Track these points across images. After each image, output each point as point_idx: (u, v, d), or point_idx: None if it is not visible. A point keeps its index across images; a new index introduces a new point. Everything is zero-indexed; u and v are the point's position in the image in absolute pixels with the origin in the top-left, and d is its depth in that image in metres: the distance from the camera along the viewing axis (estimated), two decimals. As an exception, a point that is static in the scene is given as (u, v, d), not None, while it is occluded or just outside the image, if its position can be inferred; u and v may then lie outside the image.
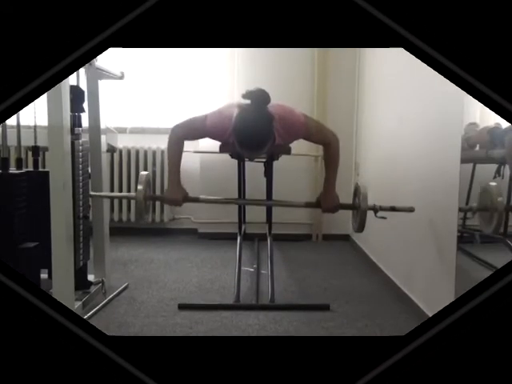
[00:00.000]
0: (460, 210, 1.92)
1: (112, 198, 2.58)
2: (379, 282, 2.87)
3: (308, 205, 2.37)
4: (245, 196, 3.24)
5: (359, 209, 2.15)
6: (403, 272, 2.63)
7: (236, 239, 3.13)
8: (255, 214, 3.52)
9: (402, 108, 2.70)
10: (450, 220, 1.99)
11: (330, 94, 3.81)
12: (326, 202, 2.24)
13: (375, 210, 2.16)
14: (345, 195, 3.90)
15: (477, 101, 1.15)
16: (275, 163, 2.83)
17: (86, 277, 2.51)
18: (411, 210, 2.18)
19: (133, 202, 3.82)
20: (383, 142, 3.07)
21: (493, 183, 1.82)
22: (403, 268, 2.64)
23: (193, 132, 2.23)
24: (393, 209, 2.19)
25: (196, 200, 2.32)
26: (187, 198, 2.25)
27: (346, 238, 3.91)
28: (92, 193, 2.41)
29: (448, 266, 1.98)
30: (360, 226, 2.16)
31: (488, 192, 1.83)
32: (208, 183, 3.86)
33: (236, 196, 3.14)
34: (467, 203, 1.95)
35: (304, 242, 3.89)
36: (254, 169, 2.93)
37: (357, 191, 2.22)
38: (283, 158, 2.67)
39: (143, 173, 2.24)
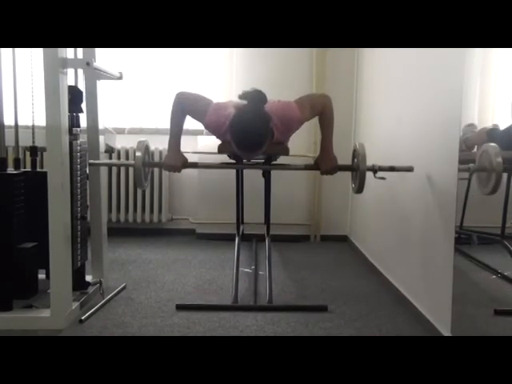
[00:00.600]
0: (459, 170, 1.92)
1: (110, 166, 2.54)
2: (377, 283, 2.88)
3: (307, 167, 2.37)
4: (243, 198, 3.25)
5: (358, 170, 2.15)
6: (401, 273, 2.64)
7: (234, 240, 3.13)
8: (253, 214, 3.53)
9: (400, 108, 2.71)
10: (448, 221, 2.00)
11: (328, 93, 3.80)
12: (324, 163, 2.25)
13: (374, 170, 2.17)
14: (343, 193, 3.90)
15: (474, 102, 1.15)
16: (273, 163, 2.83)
17: (84, 277, 2.51)
18: (410, 169, 2.20)
19: (132, 201, 3.84)
20: (382, 143, 3.08)
21: (492, 144, 1.82)
22: (401, 269, 2.65)
23: (193, 113, 2.24)
24: (392, 169, 2.20)
25: (195, 165, 2.32)
26: (186, 164, 2.26)
27: (344, 238, 3.92)
28: (91, 161, 2.39)
29: (446, 267, 1.99)
30: (359, 187, 2.17)
31: (487, 153, 1.84)
32: (206, 184, 3.87)
33: (234, 198, 3.15)
34: (465, 205, 1.95)
35: (302, 242, 3.90)
36: (252, 170, 2.94)
37: (355, 152, 2.22)
38: (281, 159, 2.67)
39: (141, 139, 2.23)
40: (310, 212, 3.94)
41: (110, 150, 3.06)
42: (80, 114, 2.39)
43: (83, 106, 2.43)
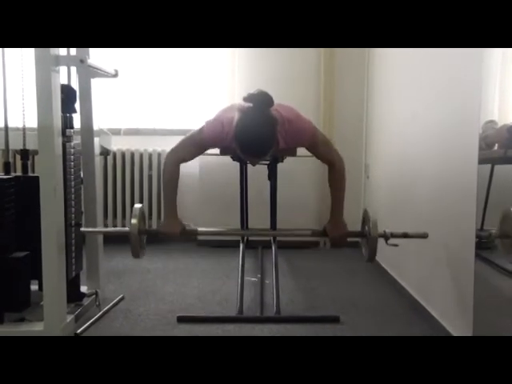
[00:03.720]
0: (477, 237, 1.92)
1: (105, 235, 2.53)
2: (392, 292, 2.87)
3: (314, 234, 2.35)
4: (247, 202, 3.26)
5: (369, 236, 2.13)
6: (418, 280, 2.64)
7: (238, 247, 3.13)
8: (259, 220, 3.53)
9: (414, 106, 2.71)
10: (468, 224, 1.99)
11: (337, 92, 3.82)
12: (333, 231, 2.24)
13: (386, 237, 2.14)
14: (354, 199, 3.91)
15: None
16: (280, 165, 2.84)
17: (79, 288, 2.51)
18: (424, 236, 2.16)
19: (128, 206, 3.85)
20: (395, 142, 3.08)
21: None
22: (418, 276, 2.64)
23: (190, 150, 2.20)
24: (405, 235, 2.17)
25: (194, 233, 2.31)
26: (185, 232, 2.24)
27: (355, 244, 3.90)
28: (83, 229, 2.40)
29: (466, 273, 1.99)
30: (371, 256, 2.14)
31: (510, 218, 1.80)
32: (207, 188, 3.87)
33: (238, 202, 3.15)
34: (485, 207, 1.95)
35: (311, 249, 3.89)
36: (257, 171, 2.94)
37: (365, 218, 2.20)
38: (288, 160, 2.67)
39: (137, 206, 2.21)
40: (319, 216, 3.94)
41: (105, 153, 3.07)
42: (73, 115, 2.40)
43: (77, 105, 2.44)
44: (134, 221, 2.15)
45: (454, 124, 2.19)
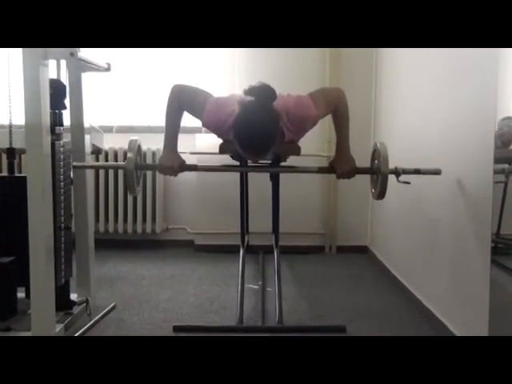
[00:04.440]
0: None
1: (98, 169, 2.47)
2: (402, 300, 2.87)
3: (321, 170, 2.35)
4: (248, 204, 3.25)
5: (379, 173, 2.11)
6: (429, 288, 2.63)
7: (238, 252, 3.13)
8: (260, 223, 3.53)
9: (426, 104, 2.71)
10: (483, 229, 1.99)
11: (344, 87, 3.81)
12: (340, 165, 2.23)
13: (397, 173, 2.14)
14: (362, 199, 3.89)
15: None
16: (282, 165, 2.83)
17: (69, 296, 2.51)
18: (437, 172, 2.17)
19: (122, 209, 3.85)
20: (405, 142, 3.07)
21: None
22: (429, 284, 2.64)
23: (191, 108, 2.23)
24: (417, 171, 2.17)
25: (194, 168, 2.31)
26: (184, 167, 2.24)
27: (363, 250, 3.92)
28: (75, 163, 2.39)
29: (481, 281, 1.98)
30: (381, 193, 2.13)
31: None
32: (205, 189, 3.87)
33: (238, 204, 3.14)
34: (502, 210, 1.95)
35: (316, 254, 3.89)
36: (259, 172, 2.94)
37: (376, 153, 2.19)
38: (291, 159, 2.67)
39: (133, 138, 2.22)
40: (324, 219, 3.94)
41: (96, 151, 3.07)
42: (63, 111, 2.40)
43: (66, 101, 2.44)
44: (130, 154, 2.16)
45: (468, 121, 2.19)
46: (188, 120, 3.90)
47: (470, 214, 2.16)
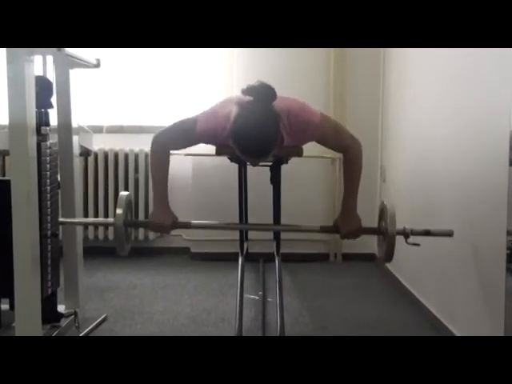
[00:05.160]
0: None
1: (85, 225, 2.48)
2: (411, 311, 2.86)
3: (324, 229, 2.32)
4: (247, 209, 3.25)
5: (386, 234, 2.10)
6: (440, 298, 2.63)
7: (237, 260, 3.12)
8: (260, 229, 3.52)
9: (437, 102, 2.71)
10: (497, 235, 1.99)
11: (349, 88, 3.83)
12: (345, 225, 2.20)
13: (406, 234, 2.12)
14: (368, 205, 3.91)
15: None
16: (284, 167, 2.83)
17: (56, 307, 2.51)
18: (449, 233, 2.14)
19: (111, 215, 3.85)
20: (415, 142, 3.08)
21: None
22: (441, 293, 2.63)
23: (180, 140, 2.19)
24: (427, 233, 2.15)
25: (187, 225, 2.29)
26: (177, 224, 2.22)
27: (370, 257, 3.91)
28: (61, 219, 2.39)
29: (496, 290, 1.98)
30: (388, 255, 2.10)
31: None
32: (202, 193, 3.87)
33: (236, 209, 3.14)
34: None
35: (319, 263, 3.89)
36: (258, 174, 2.93)
37: (383, 212, 2.17)
38: (293, 161, 2.67)
39: (123, 193, 2.19)
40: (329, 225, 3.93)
41: (85, 153, 3.07)
42: (49, 110, 2.40)
43: (53, 100, 2.44)
44: (119, 210, 2.13)
45: (481, 121, 2.19)
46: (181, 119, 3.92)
47: (484, 217, 2.15)
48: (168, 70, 3.85)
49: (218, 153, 2.47)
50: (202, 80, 3.77)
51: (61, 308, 2.56)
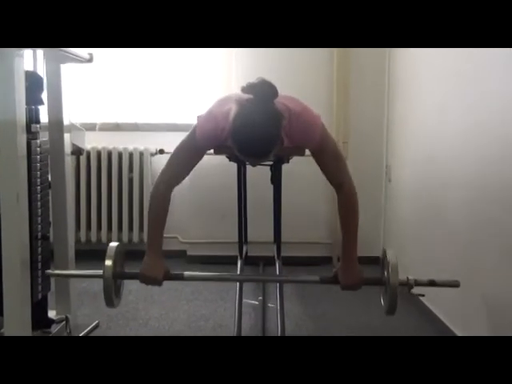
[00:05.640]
0: None
1: (73, 277, 2.49)
2: (419, 318, 2.86)
3: (324, 281, 2.28)
4: (246, 210, 3.25)
5: (388, 285, 2.06)
6: (452, 305, 2.62)
7: (236, 264, 3.12)
8: (260, 232, 3.52)
9: (446, 96, 2.71)
10: (510, 237, 1.99)
11: (353, 84, 3.84)
12: (345, 277, 2.17)
13: (409, 285, 2.08)
14: (373, 207, 3.90)
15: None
16: (285, 167, 2.83)
17: (46, 313, 2.50)
18: (456, 284, 2.10)
19: (105, 216, 3.85)
20: (422, 139, 3.07)
21: None
22: (452, 299, 2.63)
23: (182, 164, 2.15)
24: (432, 283, 2.11)
25: (180, 277, 2.27)
26: (168, 276, 2.19)
27: (376, 260, 3.90)
28: (48, 271, 2.35)
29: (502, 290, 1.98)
30: (391, 307, 2.06)
31: None
32: (199, 194, 3.87)
33: (236, 210, 3.14)
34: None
35: (322, 266, 3.88)
36: (258, 174, 2.93)
37: (384, 261, 2.14)
38: (295, 160, 2.66)
39: (112, 244, 2.16)
40: (332, 227, 3.93)
41: (77, 152, 3.06)
42: (40, 107, 2.40)
43: (44, 96, 2.43)
44: (108, 262, 2.10)
45: (491, 118, 2.19)
46: (179, 117, 3.93)
47: (500, 225, 2.15)
48: (165, 65, 3.85)
49: (216, 152, 2.47)
50: (200, 80, 3.78)
51: (52, 313, 2.55)
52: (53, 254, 2.59)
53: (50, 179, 2.50)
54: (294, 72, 3.76)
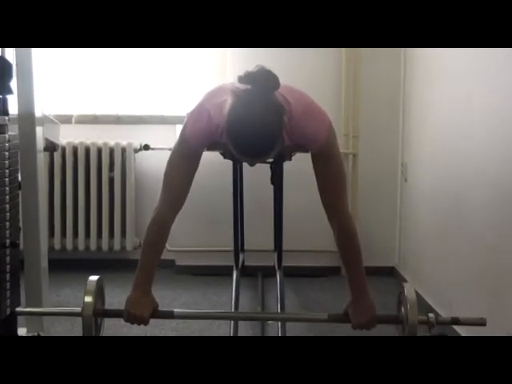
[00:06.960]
0: None
1: (44, 315, 2.46)
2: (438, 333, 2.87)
3: (332, 319, 2.25)
4: (243, 215, 3.25)
5: (407, 324, 2.00)
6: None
7: (231, 275, 3.13)
8: (259, 238, 3.53)
9: (469, 89, 2.72)
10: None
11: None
12: (356, 315, 2.13)
13: (430, 324, 1.99)
14: (388, 209, 3.91)
15: None
16: (286, 165, 2.83)
17: (16, 331, 2.50)
18: (482, 323, 2.02)
19: (83, 221, 3.85)
20: (442, 136, 3.08)
21: None
22: (472, 314, 2.63)
23: (184, 177, 2.19)
24: (455, 322, 2.06)
25: (170, 315, 2.27)
26: (157, 313, 2.18)
27: (389, 271, 3.91)
28: (18, 309, 2.34)
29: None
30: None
31: None
32: (189, 195, 3.86)
33: (231, 215, 3.14)
34: None
35: (328, 278, 3.89)
36: (257, 173, 2.94)
37: (401, 297, 2.08)
38: (298, 158, 2.67)
39: (92, 278, 2.14)
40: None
41: (51, 148, 3.07)
42: (9, 97, 2.40)
43: (13, 84, 2.43)
44: (87, 298, 2.09)
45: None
46: (167, 109, 3.93)
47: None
48: (150, 51, 3.84)
49: (210, 148, 2.47)
50: (191, 83, 3.80)
51: (21, 331, 2.55)
52: (23, 264, 2.59)
53: (19, 179, 2.50)
54: (294, 74, 3.72)
